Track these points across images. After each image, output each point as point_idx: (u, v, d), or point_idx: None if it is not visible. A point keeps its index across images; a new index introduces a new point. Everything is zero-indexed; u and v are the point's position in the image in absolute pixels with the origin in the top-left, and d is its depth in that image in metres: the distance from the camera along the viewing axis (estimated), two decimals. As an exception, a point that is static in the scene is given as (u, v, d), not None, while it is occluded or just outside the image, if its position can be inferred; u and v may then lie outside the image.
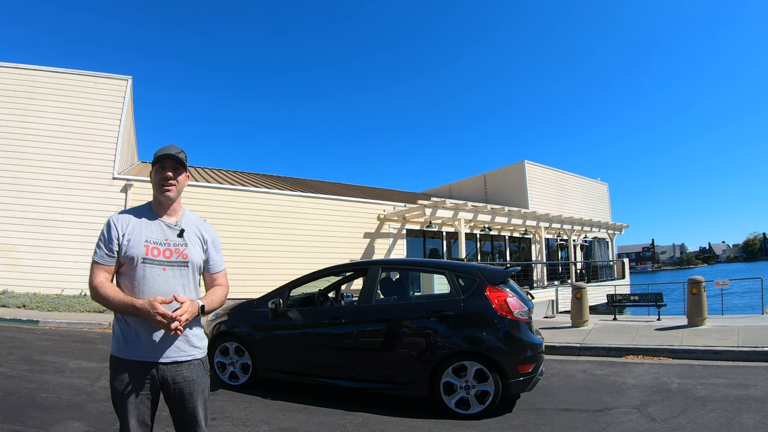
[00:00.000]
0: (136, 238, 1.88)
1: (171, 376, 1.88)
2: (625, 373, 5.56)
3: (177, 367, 1.89)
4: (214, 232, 2.10)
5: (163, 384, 1.89)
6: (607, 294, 13.08)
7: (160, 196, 1.94)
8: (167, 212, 1.99)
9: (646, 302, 10.23)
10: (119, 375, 1.85)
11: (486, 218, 16.13)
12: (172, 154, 1.93)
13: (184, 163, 1.98)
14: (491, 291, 4.28)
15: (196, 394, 1.92)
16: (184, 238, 1.96)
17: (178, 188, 1.97)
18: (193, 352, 1.94)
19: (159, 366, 1.86)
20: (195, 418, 1.93)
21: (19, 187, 10.55)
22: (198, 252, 1.99)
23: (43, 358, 5.56)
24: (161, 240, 1.91)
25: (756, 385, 4.76)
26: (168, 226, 1.96)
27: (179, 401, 1.91)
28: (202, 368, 1.98)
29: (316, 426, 3.76)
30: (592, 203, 25.48)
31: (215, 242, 2.08)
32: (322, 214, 14.15)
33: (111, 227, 1.88)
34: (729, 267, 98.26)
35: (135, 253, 1.86)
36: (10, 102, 10.87)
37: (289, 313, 4.83)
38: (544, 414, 4.08)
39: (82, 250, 10.74)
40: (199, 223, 2.08)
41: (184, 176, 2.00)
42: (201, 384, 1.95)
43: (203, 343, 2.01)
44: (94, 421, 3.58)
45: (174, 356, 1.88)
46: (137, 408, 1.84)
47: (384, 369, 4.38)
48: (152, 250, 1.88)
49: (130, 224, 1.90)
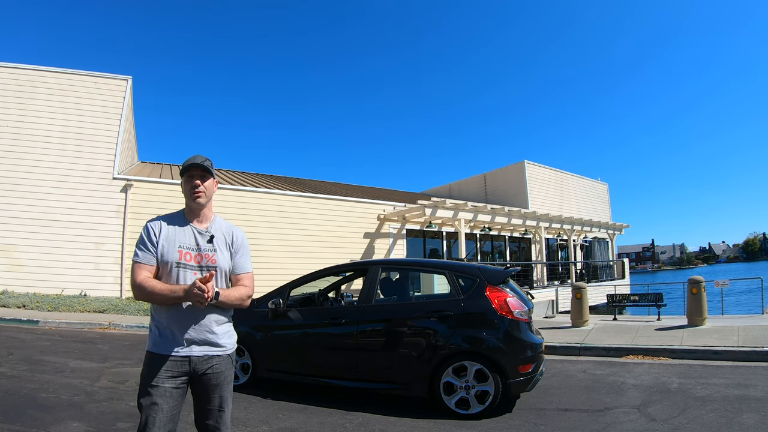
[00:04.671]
0: (171, 243, 2.02)
1: (202, 368, 2.00)
2: (625, 373, 5.56)
3: (208, 360, 2.01)
4: (242, 237, 2.20)
5: (194, 377, 2.00)
6: (607, 294, 13.08)
7: (192, 203, 2.09)
8: (198, 218, 2.12)
9: (646, 302, 10.23)
10: (155, 369, 1.94)
11: (486, 218, 16.14)
12: (198, 163, 2.07)
13: (211, 171, 2.11)
14: (491, 291, 4.28)
15: (224, 385, 2.05)
16: (213, 244, 2.09)
17: (208, 194, 2.11)
18: (223, 347, 2.06)
19: (192, 359, 1.98)
20: (222, 408, 2.03)
21: (19, 187, 10.55)
22: (226, 257, 2.11)
23: (43, 358, 5.56)
24: (193, 246, 2.06)
25: (756, 385, 4.76)
26: (199, 232, 2.09)
27: (207, 391, 2.01)
28: (230, 362, 2.10)
29: (316, 426, 3.76)
30: (592, 203, 25.49)
31: (242, 246, 2.18)
32: (322, 214, 14.16)
33: (150, 231, 2.03)
34: (729, 267, 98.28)
35: (170, 258, 2.00)
36: (10, 102, 10.88)
37: (289, 313, 4.83)
38: (544, 414, 4.08)
39: (82, 250, 10.77)
40: (228, 228, 2.18)
41: (211, 182, 2.14)
42: (228, 376, 2.08)
43: (232, 339, 2.13)
44: (94, 421, 3.58)
45: (206, 351, 2.01)
46: (167, 402, 1.92)
47: (384, 369, 4.38)
48: (185, 255, 2.03)
49: (166, 230, 2.05)
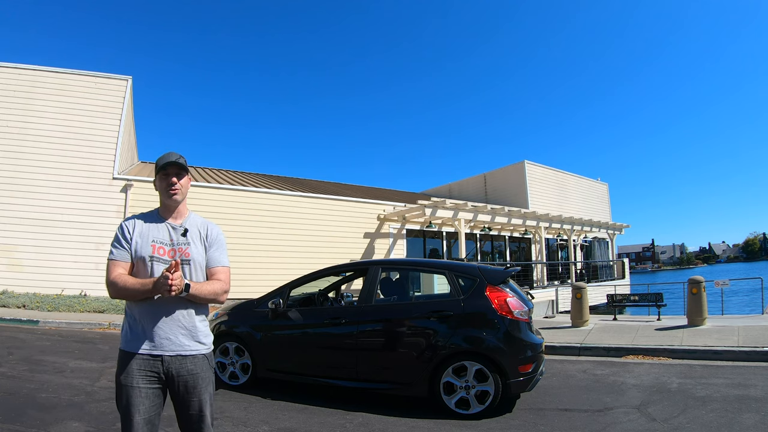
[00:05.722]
0: (145, 239, 2.02)
1: (176, 369, 1.95)
2: (625, 373, 5.56)
3: (182, 360, 1.97)
4: (218, 232, 2.19)
5: (168, 377, 1.95)
6: (607, 294, 13.06)
7: (168, 201, 2.09)
8: (173, 215, 2.12)
9: (646, 302, 10.23)
10: (127, 368, 1.91)
11: (486, 218, 16.13)
12: (173, 161, 2.06)
13: (186, 167, 2.12)
14: (491, 291, 4.28)
15: (200, 388, 1.99)
16: (187, 238, 2.08)
17: (183, 191, 2.11)
18: (197, 347, 2.02)
19: (164, 358, 1.94)
20: (201, 413, 1.99)
21: (19, 187, 10.55)
22: (200, 251, 2.09)
23: (43, 358, 5.56)
24: (167, 240, 2.05)
25: (756, 385, 4.76)
26: (173, 227, 2.09)
27: (184, 395, 1.97)
28: (206, 363, 2.05)
29: (316, 426, 3.76)
30: (592, 203, 25.48)
31: (217, 240, 2.16)
32: (322, 214, 14.16)
33: (123, 229, 2.04)
34: (729, 267, 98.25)
35: (144, 253, 2.00)
36: (10, 102, 10.87)
37: (289, 313, 4.83)
38: (544, 414, 4.08)
39: (82, 250, 10.76)
40: (204, 223, 2.18)
41: (186, 179, 2.14)
42: (205, 378, 2.02)
43: (208, 339, 2.09)
44: (94, 421, 3.58)
45: (178, 350, 1.96)
46: (143, 403, 1.89)
47: (384, 369, 4.38)
48: (158, 250, 2.02)
49: (140, 226, 2.05)
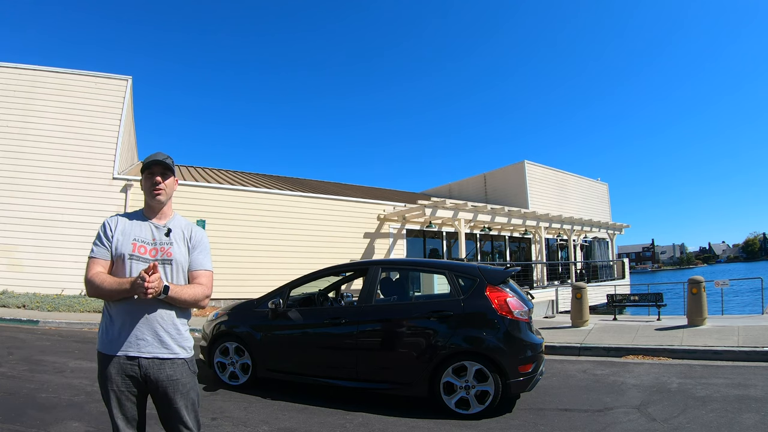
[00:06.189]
0: (126, 237, 1.98)
1: (153, 373, 1.89)
2: (625, 373, 5.56)
3: (159, 364, 1.91)
4: (201, 234, 2.13)
5: (147, 382, 1.90)
6: (607, 294, 13.07)
7: (152, 201, 2.05)
8: (158, 216, 2.08)
9: (646, 302, 10.22)
10: (105, 370, 1.89)
11: (486, 218, 16.13)
12: (159, 160, 2.03)
13: (172, 168, 2.08)
14: (491, 291, 4.28)
15: (179, 395, 1.92)
16: (170, 238, 2.03)
17: (168, 192, 2.07)
18: (176, 350, 1.95)
19: (141, 362, 1.88)
20: (181, 420, 1.93)
21: (19, 187, 10.55)
22: (182, 252, 2.04)
23: (43, 358, 5.55)
24: (149, 240, 2.00)
25: (756, 385, 4.76)
26: (157, 227, 2.05)
27: (162, 401, 1.93)
28: (187, 369, 1.98)
29: (316, 426, 3.76)
30: (592, 203, 25.47)
31: (200, 243, 2.10)
32: (322, 214, 14.16)
33: (105, 227, 2.01)
34: (729, 267, 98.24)
35: (124, 251, 1.95)
36: (10, 102, 10.87)
37: (289, 313, 4.83)
38: (544, 414, 4.08)
39: (82, 250, 10.73)
40: (188, 225, 2.13)
41: (172, 180, 2.10)
42: (186, 385, 1.95)
43: (188, 344, 2.02)
44: (94, 421, 3.58)
45: (155, 352, 1.90)
46: (122, 404, 1.87)
47: (384, 369, 4.38)
48: (139, 248, 1.97)
49: (123, 224, 2.02)
